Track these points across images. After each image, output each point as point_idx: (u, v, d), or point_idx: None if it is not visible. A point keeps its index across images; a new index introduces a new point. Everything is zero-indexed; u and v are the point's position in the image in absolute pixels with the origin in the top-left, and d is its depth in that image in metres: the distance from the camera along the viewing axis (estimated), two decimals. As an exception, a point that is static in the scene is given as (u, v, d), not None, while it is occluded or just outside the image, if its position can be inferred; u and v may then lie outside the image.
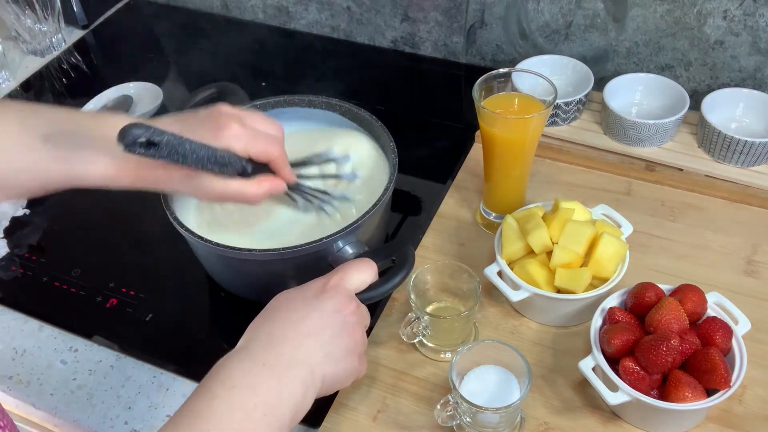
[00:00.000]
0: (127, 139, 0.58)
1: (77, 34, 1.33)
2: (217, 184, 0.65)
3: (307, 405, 0.59)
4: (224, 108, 0.67)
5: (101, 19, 1.37)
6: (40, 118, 0.65)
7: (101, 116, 0.67)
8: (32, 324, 0.85)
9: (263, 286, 0.80)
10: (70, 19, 1.31)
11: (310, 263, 0.74)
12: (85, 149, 0.64)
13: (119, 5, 1.40)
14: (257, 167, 0.68)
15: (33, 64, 1.26)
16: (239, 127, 0.66)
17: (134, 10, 1.40)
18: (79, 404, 0.77)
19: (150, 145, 0.59)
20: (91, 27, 1.35)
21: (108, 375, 0.80)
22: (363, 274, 0.67)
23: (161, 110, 1.10)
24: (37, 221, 0.97)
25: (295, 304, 0.63)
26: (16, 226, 0.96)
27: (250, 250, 0.73)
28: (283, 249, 0.73)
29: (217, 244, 0.74)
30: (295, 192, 0.77)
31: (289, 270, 0.77)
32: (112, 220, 0.97)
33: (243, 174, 0.67)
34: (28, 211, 0.98)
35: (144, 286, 0.87)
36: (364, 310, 0.67)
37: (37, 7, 1.22)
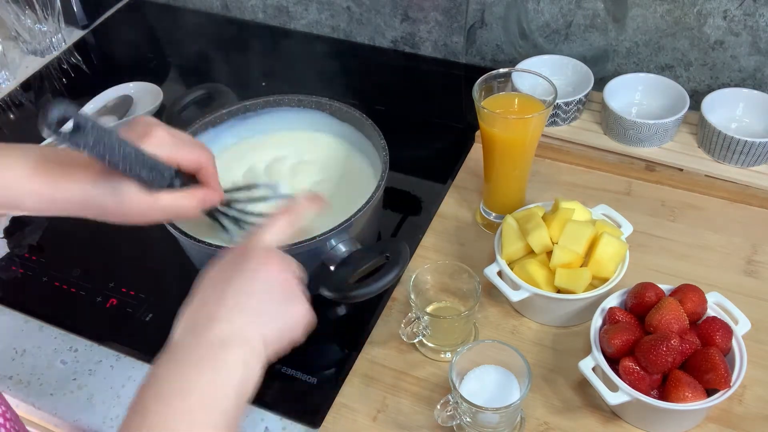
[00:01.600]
0: (51, 116, 0.53)
1: (77, 34, 1.33)
2: (145, 198, 0.62)
3: (253, 376, 0.55)
4: (148, 118, 0.65)
5: (101, 19, 1.37)
6: None
7: (10, 144, 0.64)
8: (32, 324, 0.85)
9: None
10: (70, 19, 1.31)
11: (303, 262, 0.74)
12: None
13: (119, 5, 1.40)
14: (185, 182, 0.66)
15: (33, 64, 1.26)
16: (165, 134, 0.64)
17: (134, 10, 1.40)
18: (79, 404, 0.77)
19: (75, 130, 0.55)
20: (91, 27, 1.35)
21: (108, 375, 0.80)
22: (276, 228, 0.62)
23: (161, 110, 1.10)
24: (37, 221, 0.97)
25: (214, 279, 0.59)
26: (16, 226, 0.96)
27: None
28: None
29: (209, 244, 0.74)
30: (225, 218, 0.75)
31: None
32: (112, 220, 0.97)
33: (171, 187, 0.64)
34: (28, 211, 0.98)
35: (144, 286, 0.87)
36: (290, 259, 0.62)
37: (37, 7, 1.22)
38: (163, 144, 0.63)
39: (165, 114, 0.90)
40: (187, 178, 0.67)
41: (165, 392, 0.52)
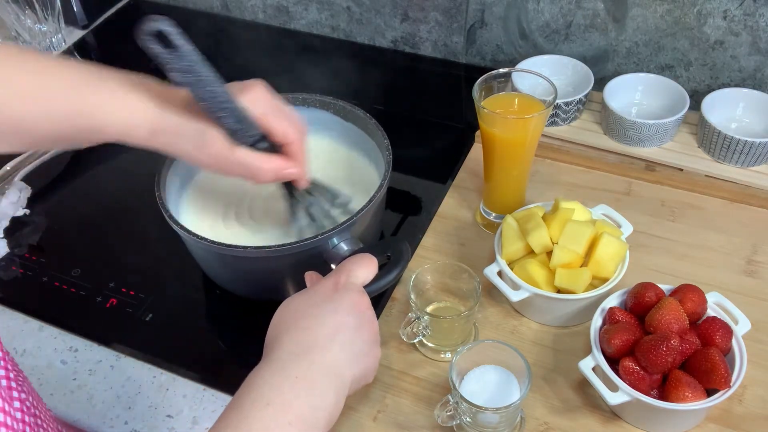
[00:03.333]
0: (148, 27, 0.52)
1: (77, 34, 1.33)
2: (225, 147, 0.63)
3: (339, 410, 0.58)
4: (261, 80, 0.66)
5: (101, 19, 1.36)
6: (52, 59, 0.63)
7: (115, 72, 0.65)
8: (32, 324, 0.85)
9: (260, 284, 0.81)
10: (70, 19, 1.31)
11: (306, 260, 0.74)
12: (101, 92, 0.62)
13: (119, 5, 1.40)
14: (271, 150, 0.66)
15: (33, 64, 1.26)
16: (264, 93, 0.64)
17: (134, 10, 1.40)
18: (79, 404, 0.77)
19: (171, 49, 0.54)
20: (91, 27, 1.35)
21: (108, 375, 0.80)
22: (367, 269, 0.67)
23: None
24: (37, 221, 0.97)
25: (310, 308, 0.62)
26: (16, 226, 0.96)
27: (245, 248, 0.73)
28: (278, 246, 0.73)
29: (212, 242, 0.74)
30: (300, 204, 0.76)
31: (286, 267, 0.77)
32: (112, 220, 0.97)
33: (253, 147, 0.64)
34: (28, 211, 0.98)
35: (144, 286, 0.87)
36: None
37: (37, 7, 1.21)
38: (259, 102, 0.63)
39: None
40: (274, 148, 0.65)
41: (265, 400, 0.54)
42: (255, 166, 0.65)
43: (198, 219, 0.83)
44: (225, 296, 0.86)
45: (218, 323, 0.86)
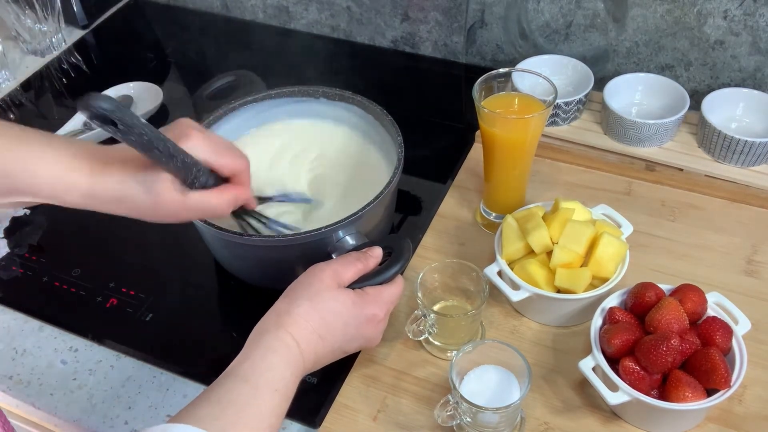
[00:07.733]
0: (94, 104, 0.52)
1: (77, 34, 1.33)
2: (176, 197, 0.62)
3: (291, 384, 0.63)
4: (187, 120, 0.65)
5: (101, 19, 1.37)
6: None
7: (49, 134, 0.65)
8: (32, 324, 0.85)
9: (268, 272, 0.82)
10: (70, 19, 1.31)
11: (312, 251, 0.75)
12: (31, 159, 0.60)
13: (119, 5, 1.40)
14: (218, 183, 0.66)
15: (33, 64, 1.26)
16: (202, 137, 0.63)
17: (134, 10, 1.40)
18: (79, 404, 0.77)
19: (113, 122, 0.54)
20: (91, 27, 1.35)
21: (108, 375, 0.80)
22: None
23: (161, 110, 1.10)
24: (37, 221, 0.97)
25: (340, 311, 0.67)
26: (16, 226, 0.96)
27: (249, 236, 0.75)
28: (282, 236, 0.74)
29: (220, 228, 0.75)
30: (254, 220, 0.77)
31: (292, 257, 0.78)
32: (112, 219, 0.96)
33: (204, 187, 0.64)
34: (28, 211, 0.98)
35: (144, 286, 0.87)
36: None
37: (37, 7, 1.22)
38: (199, 147, 0.62)
39: (193, 98, 0.90)
40: (221, 179, 0.66)
41: (278, 387, 0.60)
42: (212, 204, 0.65)
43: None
44: (236, 285, 0.86)
45: (222, 315, 0.86)
